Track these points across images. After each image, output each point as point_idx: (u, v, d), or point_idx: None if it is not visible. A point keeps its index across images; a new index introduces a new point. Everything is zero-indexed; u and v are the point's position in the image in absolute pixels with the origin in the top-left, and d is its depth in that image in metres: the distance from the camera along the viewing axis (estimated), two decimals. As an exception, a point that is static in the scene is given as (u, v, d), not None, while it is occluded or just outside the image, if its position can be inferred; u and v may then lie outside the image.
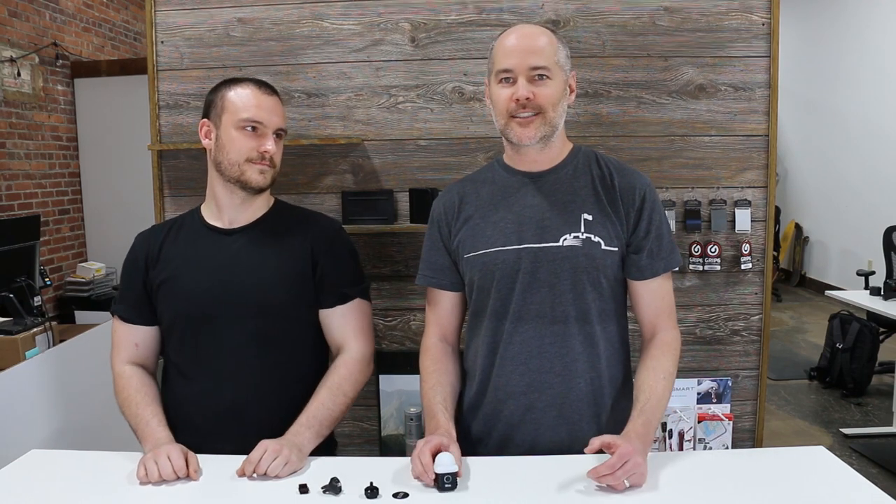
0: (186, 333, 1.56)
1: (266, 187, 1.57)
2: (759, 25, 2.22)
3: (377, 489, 1.25)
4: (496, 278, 1.45)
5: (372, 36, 2.26)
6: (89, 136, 5.43)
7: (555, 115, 1.42)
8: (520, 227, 1.44)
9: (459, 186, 1.56)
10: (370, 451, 2.37)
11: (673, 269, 1.50)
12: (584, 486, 1.26)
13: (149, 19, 2.29)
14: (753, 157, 2.27)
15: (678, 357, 1.47)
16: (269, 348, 1.55)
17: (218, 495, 1.30)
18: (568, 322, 1.43)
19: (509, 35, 1.44)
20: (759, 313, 2.31)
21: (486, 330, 1.48)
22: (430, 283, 1.56)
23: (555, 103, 1.41)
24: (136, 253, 1.62)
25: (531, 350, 1.44)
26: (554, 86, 1.41)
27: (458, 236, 1.50)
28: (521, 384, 1.45)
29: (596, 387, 1.46)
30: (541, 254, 1.42)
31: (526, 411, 1.46)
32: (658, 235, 1.46)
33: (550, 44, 1.42)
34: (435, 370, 1.50)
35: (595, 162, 1.49)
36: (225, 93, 1.54)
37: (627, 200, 1.45)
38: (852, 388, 4.28)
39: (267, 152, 1.52)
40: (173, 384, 1.61)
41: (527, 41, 1.41)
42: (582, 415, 1.45)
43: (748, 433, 2.35)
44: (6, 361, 2.39)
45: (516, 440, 1.47)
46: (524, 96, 1.39)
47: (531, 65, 1.39)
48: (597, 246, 1.42)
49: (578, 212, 1.43)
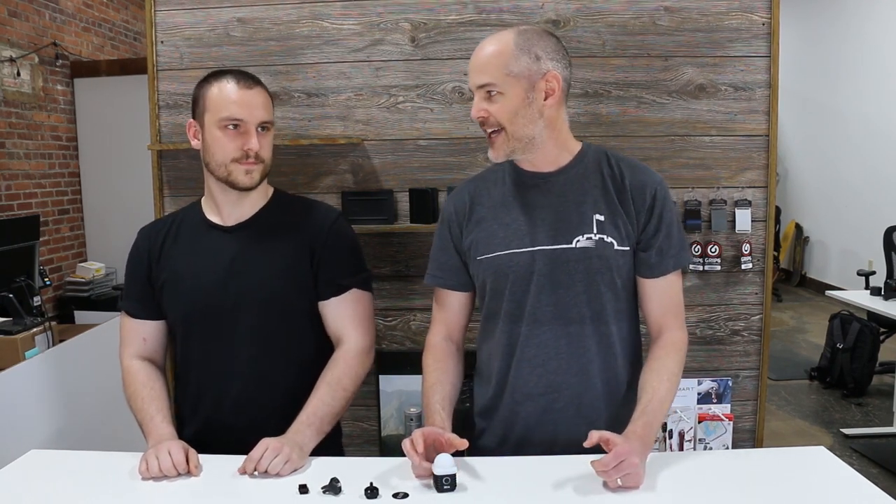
0: (190, 331, 1.57)
1: (255, 186, 1.53)
2: (760, 25, 2.22)
3: (377, 489, 1.25)
4: (510, 280, 1.44)
5: (372, 36, 2.26)
6: (89, 135, 5.43)
7: (517, 128, 1.39)
8: (532, 228, 1.44)
9: (471, 186, 1.55)
10: (370, 451, 2.37)
11: (683, 267, 1.50)
12: (584, 486, 1.26)
13: (148, 19, 2.29)
14: (754, 157, 2.27)
15: (684, 358, 1.47)
16: (271, 342, 1.55)
17: (218, 495, 1.30)
18: (584, 323, 1.43)
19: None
20: (760, 313, 2.31)
21: (501, 333, 1.47)
22: (438, 282, 1.55)
23: (511, 117, 1.38)
24: (139, 248, 1.61)
25: (548, 352, 1.44)
26: (506, 100, 1.37)
27: (471, 237, 1.49)
28: (539, 386, 1.45)
29: (612, 386, 1.46)
30: (555, 255, 1.42)
31: (543, 412, 1.46)
32: (668, 233, 1.45)
33: (500, 55, 1.37)
34: (436, 368, 1.50)
35: (606, 161, 1.48)
36: (206, 90, 1.50)
37: (638, 199, 1.44)
38: (853, 388, 4.28)
39: (251, 150, 1.48)
40: (180, 378, 1.63)
41: (475, 58, 1.40)
42: (599, 413, 1.45)
43: (748, 433, 2.35)
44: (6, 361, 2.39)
45: (535, 441, 1.47)
46: (474, 116, 1.40)
47: (477, 83, 1.39)
48: (609, 246, 1.42)
49: (590, 212, 1.43)
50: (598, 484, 1.26)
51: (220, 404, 1.55)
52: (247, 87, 1.49)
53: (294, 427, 1.44)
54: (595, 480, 1.26)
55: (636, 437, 1.29)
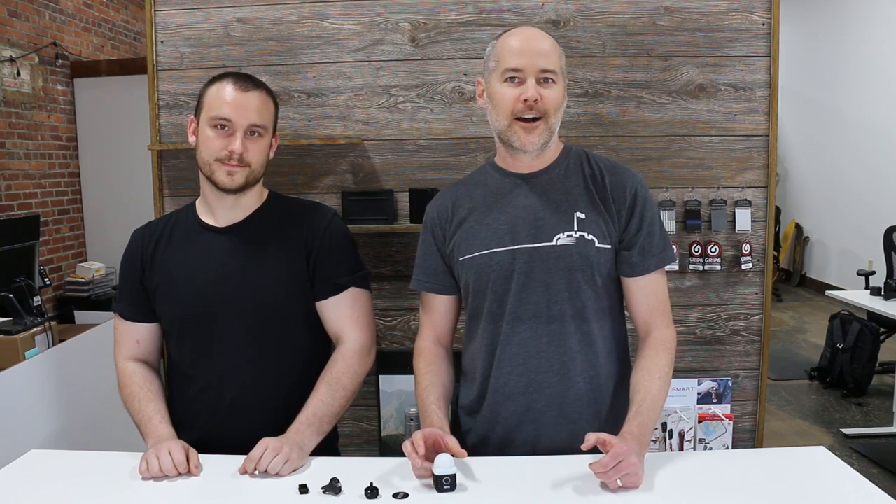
0: (185, 334, 1.56)
1: (237, 189, 1.51)
2: (760, 25, 2.22)
3: (377, 489, 1.25)
4: (491, 280, 1.45)
5: (372, 36, 2.26)
6: (89, 135, 5.43)
7: (555, 121, 1.43)
8: (513, 227, 1.44)
9: (452, 190, 1.56)
10: (370, 451, 2.37)
11: (667, 266, 1.49)
12: (584, 486, 1.26)
13: (148, 19, 2.29)
14: (753, 157, 2.27)
15: (674, 355, 1.47)
16: (268, 344, 1.55)
17: (218, 495, 1.30)
18: (564, 321, 1.43)
19: (516, 35, 1.43)
20: (760, 313, 2.31)
21: (484, 332, 1.48)
22: (424, 287, 1.56)
23: (557, 108, 1.42)
24: (133, 251, 1.61)
25: (529, 350, 1.44)
26: (558, 90, 1.42)
27: (453, 240, 1.50)
28: (519, 385, 1.45)
29: (594, 385, 1.46)
30: (535, 254, 1.43)
31: (525, 412, 1.46)
32: (650, 232, 1.45)
33: (555, 49, 1.43)
34: (428, 371, 1.51)
35: (586, 161, 1.50)
36: (207, 89, 1.51)
37: (619, 198, 1.45)
38: (853, 388, 4.28)
39: (233, 152, 1.47)
40: (175, 383, 1.61)
41: (536, 43, 1.41)
42: (581, 413, 1.45)
43: (748, 433, 2.35)
44: (6, 361, 2.39)
45: (517, 441, 1.47)
46: (534, 97, 1.38)
47: (541, 67, 1.39)
48: (591, 244, 1.42)
49: (571, 210, 1.44)
50: (597, 484, 1.26)
51: (215, 408, 1.54)
52: (242, 89, 1.49)
53: (294, 427, 1.44)
54: (595, 480, 1.26)
55: (633, 437, 1.30)
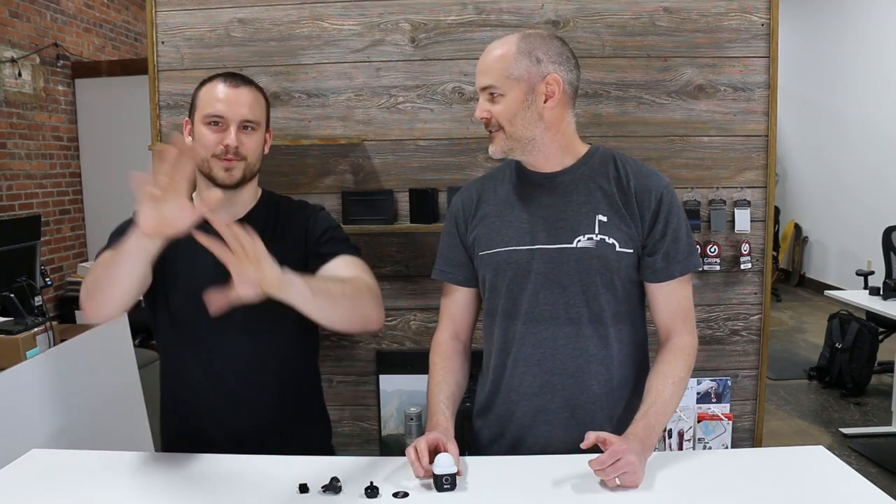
0: (183, 330, 1.57)
1: (234, 184, 1.52)
2: (759, 26, 2.23)
3: (377, 489, 1.26)
4: (508, 277, 1.45)
5: (372, 36, 2.26)
6: (90, 136, 5.43)
7: (515, 129, 1.41)
8: (533, 227, 1.44)
9: (478, 184, 1.57)
10: (370, 451, 2.37)
11: (691, 273, 1.47)
12: (584, 486, 1.26)
13: (149, 20, 2.29)
14: (753, 158, 2.27)
15: (692, 363, 1.45)
16: (265, 341, 1.55)
17: (219, 495, 1.31)
18: (581, 323, 1.43)
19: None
20: (759, 313, 2.32)
21: (499, 330, 1.48)
22: (445, 277, 1.56)
23: (510, 118, 1.40)
24: None
25: (544, 351, 1.44)
26: (506, 101, 1.39)
27: (475, 233, 1.50)
28: (533, 385, 1.45)
29: (608, 389, 1.45)
30: (554, 255, 1.42)
31: (538, 413, 1.46)
32: (675, 238, 1.43)
33: (502, 58, 1.39)
34: (442, 367, 1.51)
35: (612, 163, 1.48)
36: (199, 90, 1.54)
37: (643, 202, 1.43)
38: (851, 387, 4.29)
39: (229, 146, 1.48)
40: (169, 380, 1.62)
41: (481, 60, 1.43)
42: (594, 416, 1.44)
43: (748, 433, 2.36)
44: (7, 361, 2.39)
45: (528, 442, 1.47)
46: (477, 117, 1.43)
47: (480, 85, 1.42)
48: (611, 248, 1.41)
49: (593, 213, 1.43)
50: (597, 483, 1.26)
51: (213, 404, 1.55)
52: (233, 86, 1.50)
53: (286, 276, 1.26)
54: (594, 480, 1.26)
55: (636, 437, 1.30)
